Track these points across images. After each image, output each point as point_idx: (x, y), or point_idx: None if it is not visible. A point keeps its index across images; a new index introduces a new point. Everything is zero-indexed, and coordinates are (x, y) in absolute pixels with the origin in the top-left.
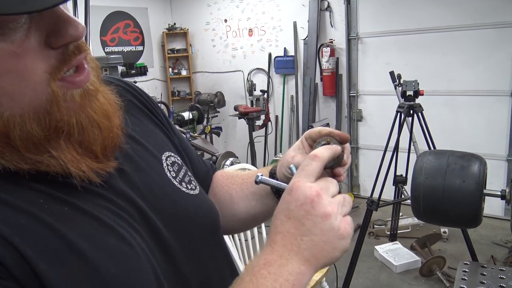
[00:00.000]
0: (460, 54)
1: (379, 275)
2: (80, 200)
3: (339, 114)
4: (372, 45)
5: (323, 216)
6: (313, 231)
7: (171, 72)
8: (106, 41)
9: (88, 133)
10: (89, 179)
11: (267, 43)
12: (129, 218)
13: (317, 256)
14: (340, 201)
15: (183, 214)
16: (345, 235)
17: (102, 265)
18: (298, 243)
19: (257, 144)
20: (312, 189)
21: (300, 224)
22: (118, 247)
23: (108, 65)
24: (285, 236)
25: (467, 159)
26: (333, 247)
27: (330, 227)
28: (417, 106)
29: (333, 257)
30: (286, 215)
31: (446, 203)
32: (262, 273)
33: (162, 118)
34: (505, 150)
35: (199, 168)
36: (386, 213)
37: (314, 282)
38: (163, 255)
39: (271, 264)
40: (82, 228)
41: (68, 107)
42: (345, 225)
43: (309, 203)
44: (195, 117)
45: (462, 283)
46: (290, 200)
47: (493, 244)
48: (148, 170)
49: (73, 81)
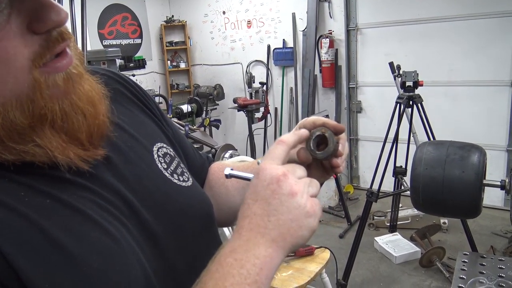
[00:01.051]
0: (460, 44)
1: (379, 266)
2: (64, 193)
3: (339, 105)
4: (372, 36)
5: (289, 194)
6: (279, 210)
7: (169, 65)
8: (104, 34)
9: (72, 120)
10: (76, 166)
11: (266, 35)
12: (115, 211)
13: (285, 236)
14: (307, 182)
15: (174, 206)
16: (311, 213)
17: (85, 260)
18: (265, 224)
19: (257, 137)
20: (278, 169)
21: (267, 204)
22: (102, 241)
23: (106, 58)
24: (252, 219)
25: (467, 149)
26: (300, 225)
27: (296, 204)
28: (417, 97)
29: (301, 236)
30: (253, 198)
31: (446, 193)
32: (228, 261)
33: (155, 109)
34: (505, 140)
35: (194, 160)
36: (386, 204)
37: (314, 274)
38: (153, 249)
39: (237, 251)
40: (64, 222)
41: (51, 94)
42: (311, 203)
43: (275, 183)
44: (194, 110)
45: (461, 273)
46: (257, 183)
47: (492, 235)
48: (138, 161)
49: (55, 66)
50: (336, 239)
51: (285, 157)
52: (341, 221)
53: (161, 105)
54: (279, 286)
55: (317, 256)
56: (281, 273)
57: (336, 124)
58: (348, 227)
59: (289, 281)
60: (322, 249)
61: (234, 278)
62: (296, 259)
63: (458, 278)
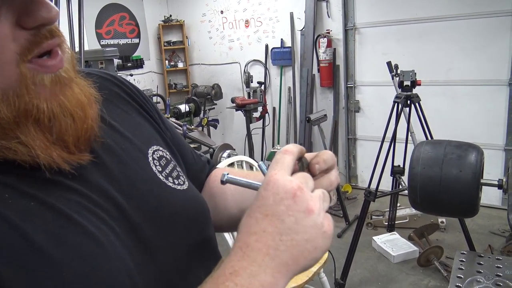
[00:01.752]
0: (458, 43)
1: (377, 266)
2: (50, 195)
3: (337, 105)
4: (370, 36)
5: (306, 212)
6: (294, 229)
7: (167, 65)
8: (102, 33)
9: (59, 121)
10: (58, 167)
11: (264, 34)
12: (104, 214)
13: (297, 258)
14: (321, 196)
15: (168, 210)
16: (329, 233)
17: (66, 264)
18: (276, 244)
19: (255, 136)
20: (292, 182)
21: (280, 221)
22: (85, 246)
23: (104, 58)
24: (260, 237)
25: (464, 148)
26: (315, 246)
27: (313, 223)
28: (414, 96)
29: (314, 259)
30: (263, 212)
31: (443, 193)
32: (227, 285)
33: (152, 111)
34: (503, 139)
35: (193, 163)
36: (384, 203)
37: (312, 273)
38: (143, 253)
39: (239, 274)
40: (47, 225)
41: (38, 92)
42: (328, 222)
43: (290, 198)
44: (192, 110)
45: (459, 272)
46: (268, 196)
47: (490, 234)
48: (131, 163)
49: (44, 64)
50: (334, 238)
51: (293, 167)
52: (339, 220)
53: (159, 105)
54: None
55: None
56: None
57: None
58: (346, 226)
59: None
60: None
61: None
62: None
63: (456, 277)
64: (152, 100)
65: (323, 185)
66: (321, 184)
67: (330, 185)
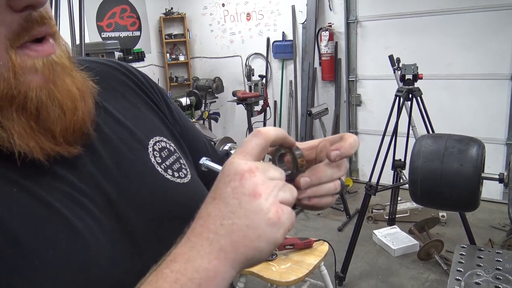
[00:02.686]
0: (460, 37)
1: (378, 259)
2: (36, 183)
3: (338, 99)
4: (371, 29)
5: (251, 195)
6: (237, 213)
7: (168, 58)
8: (103, 26)
9: (47, 110)
10: (33, 157)
11: (265, 28)
12: (90, 204)
13: (236, 245)
14: (278, 185)
15: (162, 203)
16: (274, 221)
17: (39, 254)
18: (216, 228)
19: None
20: (245, 165)
21: (224, 205)
22: (63, 237)
23: (104, 51)
24: (205, 221)
25: (465, 142)
26: (258, 234)
27: (258, 208)
28: (416, 90)
29: (257, 248)
30: (212, 195)
31: (444, 186)
32: (164, 272)
33: (160, 102)
34: (504, 134)
35: (209, 157)
36: (385, 197)
37: (313, 266)
38: (131, 248)
39: (176, 260)
40: (25, 213)
41: (28, 79)
42: (277, 209)
43: (238, 179)
44: (193, 103)
45: (459, 266)
46: (220, 178)
47: (491, 228)
48: (128, 154)
49: (35, 49)
50: (335, 232)
51: (260, 153)
52: (340, 214)
53: None
54: (277, 279)
55: (315, 249)
56: (280, 266)
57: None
58: (347, 220)
59: (288, 273)
60: (321, 242)
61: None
62: (295, 252)
63: (456, 270)
64: (162, 90)
65: (330, 174)
66: (327, 172)
67: (338, 173)
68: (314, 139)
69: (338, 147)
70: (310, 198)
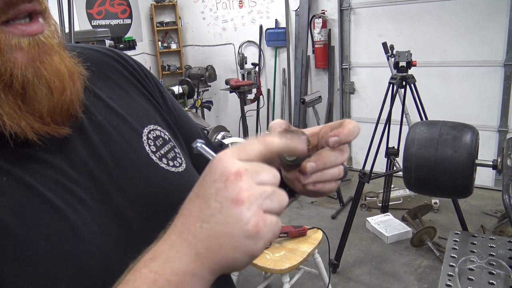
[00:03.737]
0: (454, 24)
1: (371, 246)
2: (26, 171)
3: (331, 86)
4: (365, 16)
5: (234, 201)
6: (216, 218)
7: (160, 46)
8: (93, 14)
9: (33, 89)
10: (26, 137)
11: (258, 15)
12: (82, 193)
13: (213, 252)
14: (266, 192)
15: (156, 192)
16: (252, 234)
17: (30, 245)
18: (195, 230)
19: (249, 118)
20: (234, 165)
21: (206, 206)
22: (54, 226)
23: (95, 39)
24: (186, 219)
25: (460, 129)
26: (235, 245)
27: (237, 217)
28: (410, 77)
29: (233, 259)
30: (196, 192)
31: (438, 173)
32: (142, 272)
33: (154, 91)
34: (497, 121)
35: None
36: (378, 185)
37: (307, 254)
38: (124, 237)
39: (155, 259)
40: (16, 202)
41: (13, 57)
42: (258, 221)
43: (223, 181)
44: (185, 92)
45: (452, 252)
46: (206, 174)
47: (483, 214)
48: (121, 142)
49: (21, 28)
50: (329, 220)
51: (257, 158)
52: (334, 202)
53: None
54: (272, 266)
55: (309, 236)
56: (274, 254)
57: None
58: (341, 208)
59: (282, 261)
60: (315, 230)
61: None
62: (289, 239)
63: (449, 257)
64: (157, 79)
65: (334, 159)
66: (331, 158)
67: (342, 158)
68: (314, 126)
69: (337, 134)
70: (315, 184)
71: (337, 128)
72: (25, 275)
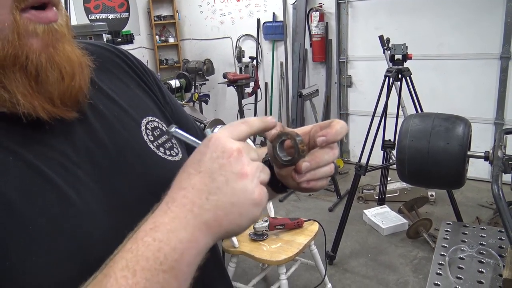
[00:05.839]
0: (450, 17)
1: (367, 238)
2: (31, 152)
3: (329, 80)
4: (362, 9)
5: (240, 174)
6: (223, 190)
7: (158, 40)
8: (90, 8)
9: (46, 73)
10: (37, 115)
11: (256, 8)
12: (84, 176)
13: (221, 220)
14: (259, 166)
15: (154, 178)
16: (258, 201)
17: (33, 221)
18: (201, 202)
19: (247, 112)
20: (233, 144)
21: (211, 180)
22: (56, 206)
23: (92, 33)
24: (188, 192)
25: (452, 121)
26: (241, 212)
27: (244, 188)
28: (406, 70)
29: (238, 225)
30: (196, 168)
31: (431, 165)
32: (145, 241)
33: (152, 85)
34: (493, 113)
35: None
36: (375, 178)
37: (303, 246)
38: (125, 218)
39: (158, 229)
40: (21, 182)
41: (29, 41)
42: (260, 191)
43: (226, 157)
44: (182, 85)
45: (444, 242)
46: (205, 152)
47: (478, 206)
48: (122, 130)
49: (38, 15)
50: (326, 212)
51: (244, 139)
52: (331, 195)
53: None
54: (268, 258)
55: (306, 228)
56: (271, 246)
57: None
58: (338, 200)
59: (278, 253)
60: (311, 222)
61: (148, 262)
62: (285, 232)
63: (441, 246)
64: (154, 74)
65: (326, 158)
66: (324, 157)
67: (333, 157)
68: (306, 125)
69: (325, 134)
70: (309, 181)
71: (326, 127)
72: (27, 249)
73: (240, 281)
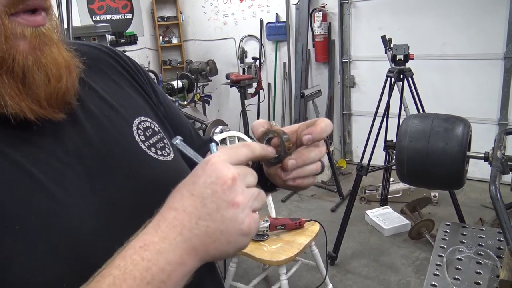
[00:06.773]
0: (453, 17)
1: (369, 239)
2: (19, 152)
3: (332, 80)
4: (365, 10)
5: (231, 203)
6: (213, 217)
7: (161, 41)
8: (94, 9)
9: (33, 75)
10: (25, 116)
11: (259, 9)
12: (73, 175)
13: (207, 246)
14: (254, 194)
15: (145, 178)
16: (246, 232)
17: (21, 221)
18: (191, 226)
19: (250, 112)
20: (229, 170)
21: (202, 205)
22: (44, 206)
23: (96, 34)
24: (179, 214)
25: (451, 122)
26: (229, 240)
27: (234, 217)
28: (407, 71)
29: (225, 252)
30: (190, 191)
31: (430, 165)
32: (134, 259)
33: (146, 85)
34: (497, 114)
35: (190, 142)
36: (378, 178)
37: (303, 246)
38: (114, 218)
39: (148, 248)
40: (9, 182)
41: (16, 44)
42: (250, 221)
43: (220, 184)
44: (185, 86)
45: (442, 242)
46: (200, 175)
47: (482, 207)
48: (112, 130)
49: (27, 18)
50: (328, 213)
51: (243, 163)
52: (333, 195)
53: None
54: (269, 258)
55: (306, 229)
56: (271, 246)
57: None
58: (340, 201)
59: (279, 253)
60: (312, 222)
61: (135, 281)
62: (286, 232)
63: (439, 247)
64: (148, 74)
65: (313, 156)
66: (310, 155)
67: (320, 155)
68: (295, 124)
69: (310, 132)
70: (295, 179)
71: (311, 126)
72: (15, 248)
73: (241, 281)
